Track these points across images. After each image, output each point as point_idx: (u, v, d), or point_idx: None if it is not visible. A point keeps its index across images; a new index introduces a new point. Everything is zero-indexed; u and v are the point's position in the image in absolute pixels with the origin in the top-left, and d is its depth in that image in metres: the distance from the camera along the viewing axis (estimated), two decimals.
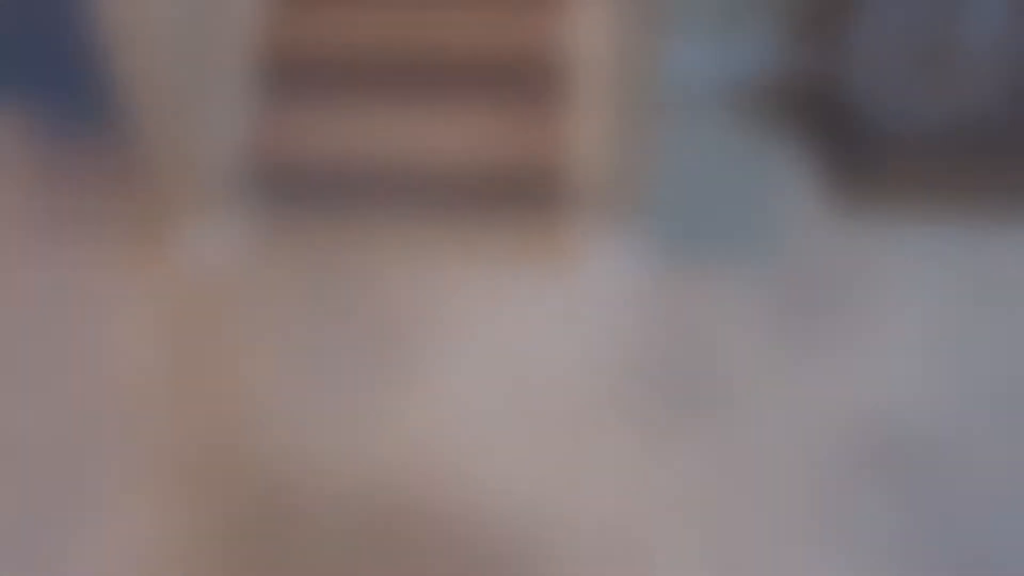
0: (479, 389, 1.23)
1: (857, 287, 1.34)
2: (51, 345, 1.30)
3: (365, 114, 1.56)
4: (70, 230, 1.46)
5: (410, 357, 1.24)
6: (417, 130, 1.52)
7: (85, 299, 1.33)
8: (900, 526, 0.89)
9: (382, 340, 1.26)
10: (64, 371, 1.26)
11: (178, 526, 0.93)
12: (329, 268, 1.37)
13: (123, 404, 1.23)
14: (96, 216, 1.49)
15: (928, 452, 0.94)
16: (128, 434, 1.11)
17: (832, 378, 1.04)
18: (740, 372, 1.16)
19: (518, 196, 1.52)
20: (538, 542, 0.90)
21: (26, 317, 1.33)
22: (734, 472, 0.94)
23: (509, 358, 1.27)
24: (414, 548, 0.90)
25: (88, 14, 1.22)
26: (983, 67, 1.46)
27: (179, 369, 1.27)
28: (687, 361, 1.26)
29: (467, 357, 1.29)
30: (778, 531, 0.89)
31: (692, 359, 1.28)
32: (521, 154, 1.47)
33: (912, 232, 1.44)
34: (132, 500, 0.98)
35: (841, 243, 1.39)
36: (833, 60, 1.39)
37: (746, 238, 1.36)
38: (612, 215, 1.31)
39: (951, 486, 0.92)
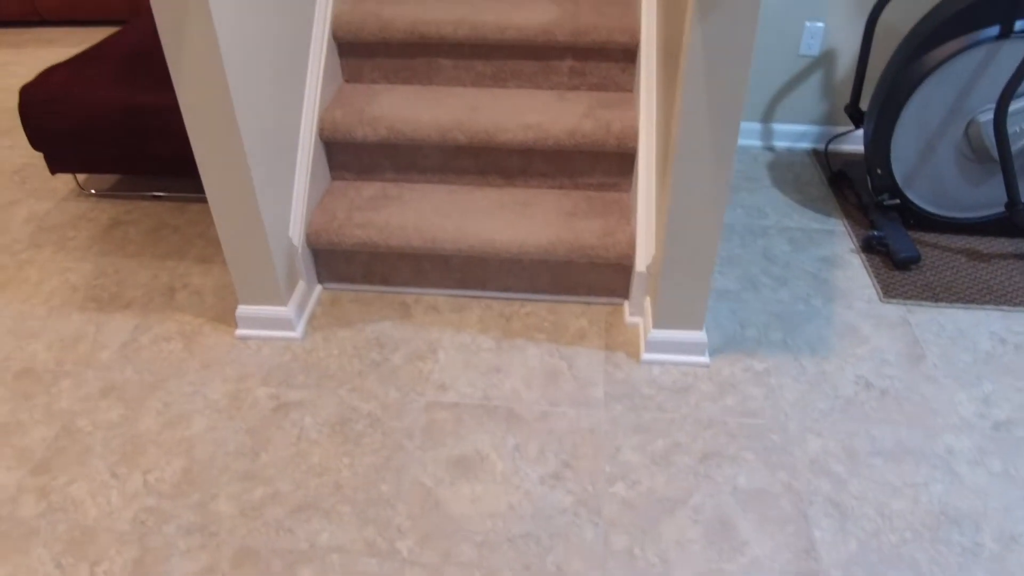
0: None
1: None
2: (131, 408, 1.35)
3: (428, 194, 1.61)
4: (154, 302, 1.51)
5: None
6: (482, 211, 1.56)
7: (161, 368, 1.38)
8: None
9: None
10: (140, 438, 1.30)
11: None
12: (389, 345, 1.40)
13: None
14: (175, 289, 1.55)
15: None
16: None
17: None
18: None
19: (585, 278, 1.53)
20: None
21: (107, 379, 1.38)
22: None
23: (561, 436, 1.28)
24: None
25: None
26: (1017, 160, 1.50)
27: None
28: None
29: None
30: None
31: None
32: (586, 239, 1.49)
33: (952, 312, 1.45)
34: None
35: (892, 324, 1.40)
36: (879, 148, 1.41)
37: (802, 324, 1.37)
38: (674, 301, 1.32)
39: None
